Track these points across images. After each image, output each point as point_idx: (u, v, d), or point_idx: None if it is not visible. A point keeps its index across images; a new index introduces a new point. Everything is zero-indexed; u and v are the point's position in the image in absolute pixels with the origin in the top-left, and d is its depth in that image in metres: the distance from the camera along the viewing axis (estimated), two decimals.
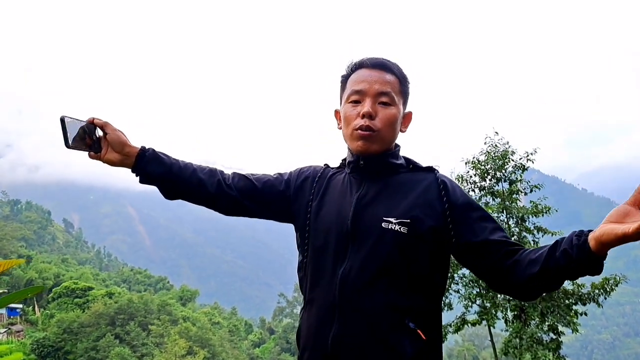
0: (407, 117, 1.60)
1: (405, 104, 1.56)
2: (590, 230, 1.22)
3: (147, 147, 1.58)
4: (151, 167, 1.56)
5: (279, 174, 1.75)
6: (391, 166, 1.54)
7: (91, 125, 1.50)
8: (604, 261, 1.23)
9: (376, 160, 1.53)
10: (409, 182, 1.52)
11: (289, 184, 1.69)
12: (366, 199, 1.50)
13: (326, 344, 1.41)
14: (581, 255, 1.20)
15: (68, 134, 1.43)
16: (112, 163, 1.54)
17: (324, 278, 1.48)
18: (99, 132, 1.53)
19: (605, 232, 1.15)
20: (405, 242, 1.40)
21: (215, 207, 1.69)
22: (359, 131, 1.48)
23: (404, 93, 1.55)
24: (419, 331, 1.38)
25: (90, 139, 1.50)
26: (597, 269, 1.23)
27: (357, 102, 1.51)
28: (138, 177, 1.58)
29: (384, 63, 1.53)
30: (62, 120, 1.42)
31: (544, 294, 12.45)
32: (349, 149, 1.58)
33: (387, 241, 1.41)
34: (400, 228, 1.41)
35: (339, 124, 1.62)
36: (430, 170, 1.56)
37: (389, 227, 1.41)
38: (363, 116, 1.47)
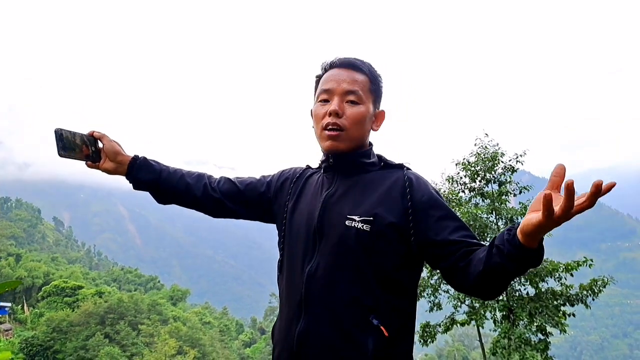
0: (379, 116, 1.60)
1: (376, 102, 1.57)
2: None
3: (139, 156, 1.71)
4: (141, 174, 1.70)
5: (263, 176, 1.82)
6: (361, 165, 1.56)
7: (91, 137, 1.65)
8: (543, 251, 1.19)
9: (346, 158, 1.55)
10: (377, 180, 1.52)
11: (270, 186, 1.75)
12: (334, 198, 1.52)
13: (293, 340, 1.44)
14: (512, 250, 1.18)
15: (60, 144, 1.55)
16: (108, 171, 1.69)
17: (294, 276, 1.51)
18: (100, 144, 1.68)
19: (525, 223, 1.13)
20: (368, 240, 1.41)
21: (203, 210, 1.79)
22: (327, 131, 1.51)
23: (374, 92, 1.55)
24: (382, 327, 1.37)
25: (88, 149, 1.64)
26: (533, 261, 1.19)
27: (326, 101, 1.53)
28: (131, 184, 1.73)
29: (353, 62, 1.54)
30: (56, 133, 1.55)
31: (528, 296, 12.57)
32: (321, 148, 1.60)
33: (350, 239, 1.42)
34: (362, 226, 1.42)
35: (313, 124, 1.62)
36: (400, 167, 1.56)
37: (352, 224, 1.43)
38: (330, 114, 1.50)
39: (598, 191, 1.01)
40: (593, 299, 12.53)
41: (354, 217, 1.44)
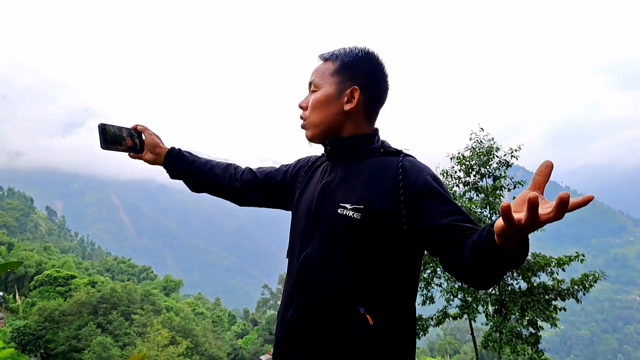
0: (350, 93, 1.49)
1: (343, 82, 1.50)
2: None
3: (175, 147, 1.89)
4: (175, 164, 1.87)
5: (283, 165, 1.90)
6: (361, 151, 1.53)
7: (136, 130, 1.84)
8: (523, 252, 1.13)
9: (341, 144, 1.54)
10: (372, 167, 1.48)
11: (286, 175, 1.82)
12: (331, 186, 1.52)
13: (286, 324, 1.49)
14: (488, 247, 1.13)
15: (102, 138, 1.71)
16: (148, 162, 1.88)
17: (293, 262, 1.56)
18: (144, 137, 1.87)
19: (495, 226, 1.07)
20: (358, 229, 1.39)
21: (229, 198, 1.93)
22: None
23: (339, 72, 1.51)
24: (367, 316, 1.36)
25: (133, 141, 1.82)
26: (512, 262, 1.14)
27: None
28: (168, 174, 1.89)
29: (322, 54, 1.59)
30: (99, 128, 1.72)
31: (520, 290, 12.64)
32: None
33: (341, 227, 1.42)
34: (353, 214, 1.40)
35: None
36: (397, 154, 1.52)
37: (344, 213, 1.42)
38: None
39: (564, 204, 0.91)
40: (584, 294, 12.61)
41: (345, 205, 1.43)
